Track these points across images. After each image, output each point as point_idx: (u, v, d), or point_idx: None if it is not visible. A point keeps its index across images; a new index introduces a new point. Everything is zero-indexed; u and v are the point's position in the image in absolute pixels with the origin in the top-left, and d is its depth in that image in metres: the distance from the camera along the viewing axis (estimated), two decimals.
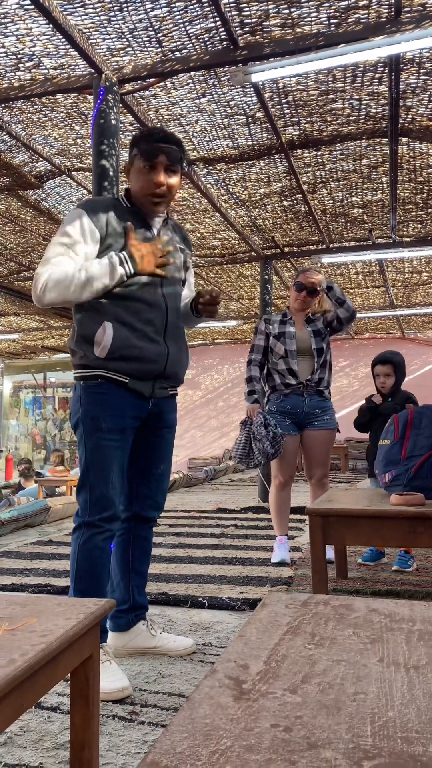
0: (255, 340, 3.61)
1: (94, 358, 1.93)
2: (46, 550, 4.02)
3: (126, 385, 1.94)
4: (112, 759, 1.47)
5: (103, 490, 1.92)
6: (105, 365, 1.92)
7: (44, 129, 4.17)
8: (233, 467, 10.59)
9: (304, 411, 3.47)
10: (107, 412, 1.93)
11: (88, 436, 1.93)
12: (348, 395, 12.34)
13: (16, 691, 0.96)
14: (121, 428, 1.95)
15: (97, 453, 1.92)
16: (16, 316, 9.64)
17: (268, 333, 3.55)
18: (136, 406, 1.98)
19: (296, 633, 1.02)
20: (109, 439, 1.93)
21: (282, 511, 3.55)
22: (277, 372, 3.50)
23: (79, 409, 1.96)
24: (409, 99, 3.84)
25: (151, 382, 1.99)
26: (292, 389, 3.47)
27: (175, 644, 2.13)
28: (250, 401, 3.53)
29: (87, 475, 1.94)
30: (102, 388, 1.94)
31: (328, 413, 3.52)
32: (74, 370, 2.01)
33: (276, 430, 3.36)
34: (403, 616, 1.11)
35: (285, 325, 3.53)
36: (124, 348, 1.91)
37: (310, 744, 0.66)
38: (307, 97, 3.82)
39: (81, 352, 1.96)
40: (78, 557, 1.92)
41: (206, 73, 3.54)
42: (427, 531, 2.38)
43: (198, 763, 0.62)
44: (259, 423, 3.39)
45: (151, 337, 1.96)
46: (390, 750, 0.65)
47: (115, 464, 1.94)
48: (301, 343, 3.49)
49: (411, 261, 7.20)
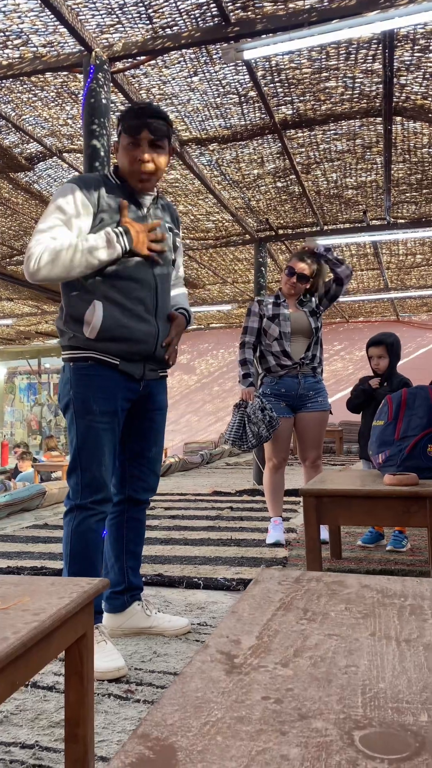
0: (248, 322, 3.58)
1: (83, 339, 1.90)
2: (42, 534, 4.03)
3: (116, 367, 1.93)
4: (108, 736, 1.48)
5: (95, 473, 1.92)
6: (95, 346, 1.90)
7: (34, 109, 4.11)
8: (228, 451, 10.62)
9: (298, 393, 3.47)
10: (98, 394, 1.91)
11: (79, 419, 1.92)
12: (343, 379, 12.36)
13: (9, 668, 0.96)
14: (112, 410, 1.93)
15: (88, 436, 1.91)
16: (9, 301, 9.58)
17: (261, 314, 3.53)
18: (127, 388, 1.97)
19: (289, 609, 1.02)
20: (100, 421, 1.92)
21: (276, 493, 3.56)
22: (272, 354, 3.49)
23: (69, 392, 1.94)
24: (403, 77, 3.80)
25: (141, 363, 1.98)
26: (287, 370, 3.47)
27: (170, 624, 2.14)
28: (245, 384, 3.52)
29: (78, 457, 1.93)
30: (92, 369, 1.92)
31: (321, 395, 3.52)
32: (63, 351, 1.98)
33: (272, 414, 3.36)
34: (395, 591, 1.12)
35: (279, 306, 3.51)
36: (115, 328, 1.89)
37: (301, 715, 0.66)
38: (300, 75, 3.77)
39: (70, 332, 1.93)
40: (71, 540, 1.92)
41: (197, 50, 3.49)
42: (420, 510, 2.39)
43: (188, 734, 0.62)
44: (257, 406, 3.38)
45: (141, 316, 1.94)
46: (381, 720, 0.65)
47: (106, 446, 1.94)
48: (296, 324, 3.48)
49: (405, 243, 7.17)
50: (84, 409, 1.91)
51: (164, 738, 0.62)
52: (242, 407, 3.48)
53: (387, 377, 3.44)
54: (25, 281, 8.01)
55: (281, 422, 3.43)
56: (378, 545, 3.40)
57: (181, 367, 13.75)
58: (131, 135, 1.90)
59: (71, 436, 1.95)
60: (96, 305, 1.88)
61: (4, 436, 16.11)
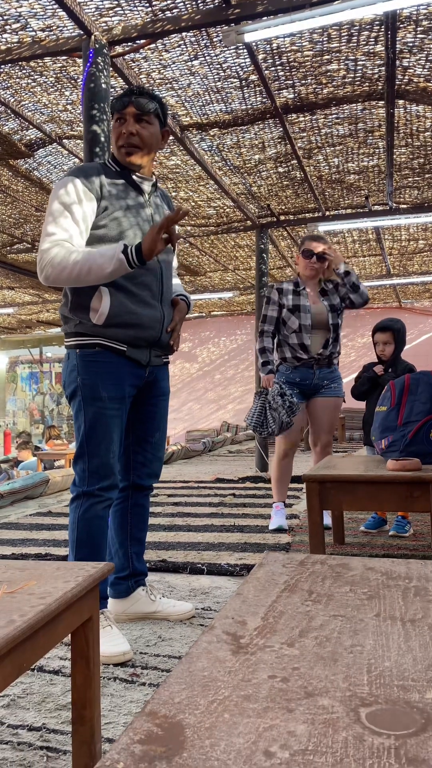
0: (267, 311, 3.53)
1: (91, 326, 1.90)
2: (46, 521, 4.05)
3: (123, 353, 1.93)
4: (114, 718, 1.49)
5: (104, 459, 1.92)
6: (103, 333, 1.90)
7: (33, 95, 4.08)
8: (231, 439, 10.64)
9: (313, 383, 3.48)
10: (106, 380, 1.91)
11: (88, 406, 1.92)
12: (345, 365, 12.34)
13: (17, 650, 0.97)
14: (120, 396, 1.94)
15: (97, 422, 1.91)
16: (10, 290, 9.56)
17: (281, 304, 3.49)
18: (134, 374, 1.97)
19: (293, 591, 1.03)
20: (109, 407, 1.92)
21: (283, 478, 3.58)
22: (289, 345, 3.47)
23: (77, 378, 1.93)
24: (406, 59, 3.76)
25: (147, 349, 1.99)
26: (303, 362, 3.46)
27: (174, 609, 2.16)
28: (265, 372, 3.51)
29: (86, 444, 1.93)
30: (100, 356, 1.92)
31: (336, 382, 3.53)
32: (68, 338, 1.98)
33: (292, 399, 3.37)
34: (400, 573, 1.12)
35: (299, 296, 3.46)
36: (123, 314, 1.89)
37: (307, 693, 0.66)
38: (301, 58, 3.73)
39: (76, 319, 1.93)
40: (78, 527, 1.92)
41: (198, 33, 3.45)
42: (423, 495, 2.40)
43: (196, 712, 0.63)
44: (276, 392, 3.39)
45: (147, 302, 1.94)
46: (386, 697, 0.65)
47: (114, 433, 1.94)
48: (316, 317, 3.44)
49: (408, 228, 7.13)
50: (92, 396, 1.91)
51: (172, 715, 0.62)
52: (263, 394, 3.48)
53: (391, 364, 3.43)
54: (25, 270, 7.99)
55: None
56: (381, 531, 3.41)
57: (182, 355, 13.74)
58: (117, 111, 1.94)
59: (78, 423, 1.95)
60: (103, 292, 1.87)
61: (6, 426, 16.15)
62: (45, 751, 1.35)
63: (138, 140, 1.93)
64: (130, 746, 0.56)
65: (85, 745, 1.22)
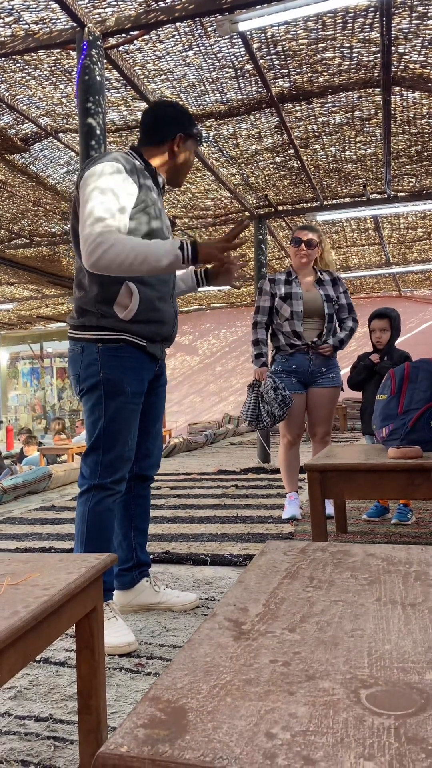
0: (260, 301, 3.54)
1: (116, 321, 1.90)
2: (50, 516, 4.07)
3: (144, 348, 1.96)
4: (120, 708, 1.51)
5: (119, 452, 1.94)
6: (128, 328, 1.91)
7: (28, 88, 4.06)
8: (233, 431, 10.64)
9: (309, 369, 3.47)
10: (130, 375, 1.93)
11: (109, 400, 1.91)
12: (345, 355, 12.29)
13: (21, 641, 0.98)
14: (141, 391, 1.98)
15: (118, 416, 1.92)
16: (9, 286, 9.55)
17: (273, 293, 3.50)
18: (150, 368, 2.02)
19: (295, 577, 1.03)
20: (132, 402, 1.94)
21: (291, 468, 3.59)
22: (282, 333, 3.48)
23: (98, 372, 1.91)
24: (402, 45, 3.73)
25: (161, 344, 2.04)
26: (297, 349, 3.46)
27: (178, 599, 2.17)
28: (258, 365, 3.51)
29: (102, 438, 1.92)
30: (124, 351, 1.92)
31: (333, 371, 3.52)
32: (85, 331, 1.93)
33: (285, 393, 3.37)
34: (400, 559, 1.13)
35: (291, 285, 3.47)
36: (149, 311, 1.92)
37: (309, 676, 0.67)
38: (296, 46, 3.71)
39: (99, 312, 1.91)
40: (88, 519, 1.92)
41: (192, 23, 3.43)
42: (424, 483, 2.41)
43: (198, 696, 0.63)
44: (269, 386, 3.39)
45: (166, 299, 1.99)
46: (386, 679, 0.66)
47: (133, 426, 1.97)
48: (309, 304, 3.44)
49: (406, 216, 7.10)
50: (116, 391, 1.91)
51: (175, 700, 0.63)
52: (256, 387, 3.48)
53: (387, 352, 3.44)
54: (24, 265, 7.97)
55: (294, 399, 3.43)
56: (383, 519, 3.42)
57: (183, 347, 13.73)
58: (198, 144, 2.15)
59: (95, 417, 1.94)
60: (132, 288, 1.87)
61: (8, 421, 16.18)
62: (52, 740, 1.37)
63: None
64: (133, 730, 0.57)
65: (92, 734, 1.23)
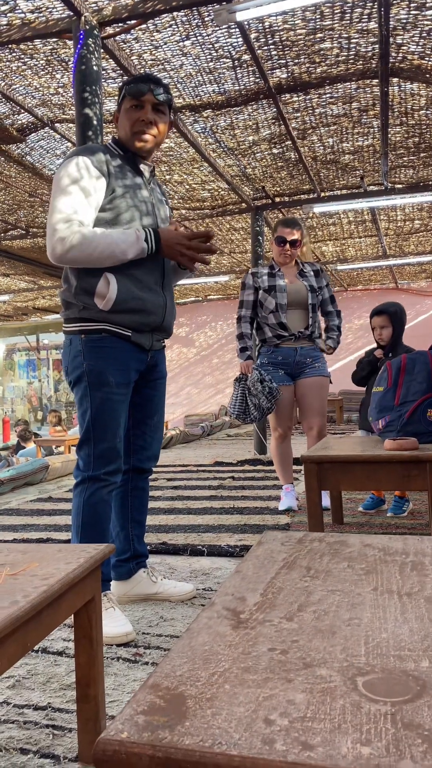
0: (243, 296, 3.57)
1: (96, 311, 1.90)
2: (47, 507, 4.08)
3: (129, 338, 1.95)
4: (118, 697, 1.52)
5: (110, 444, 1.94)
6: (109, 318, 1.91)
7: (24, 78, 4.03)
8: (229, 422, 10.66)
9: (295, 360, 3.48)
10: (113, 366, 1.93)
11: (94, 391, 1.92)
12: (342, 348, 12.31)
13: (21, 630, 0.98)
14: (126, 382, 1.97)
15: (103, 407, 1.92)
16: (5, 277, 9.51)
17: (256, 287, 3.52)
18: (138, 359, 2.00)
19: (292, 567, 1.04)
20: (116, 393, 1.94)
21: (285, 461, 3.60)
22: (268, 326, 3.49)
23: (82, 364, 1.93)
24: (400, 36, 3.71)
25: (150, 334, 2.01)
26: (283, 340, 3.47)
27: (175, 590, 2.19)
28: (243, 358, 3.54)
29: (92, 429, 1.93)
30: (106, 341, 1.92)
31: (319, 361, 3.53)
32: (70, 323, 1.97)
33: (272, 385, 3.38)
34: (397, 549, 1.14)
35: (274, 277, 3.48)
36: (129, 300, 1.90)
37: (306, 664, 0.68)
38: (294, 36, 3.69)
39: (80, 304, 1.92)
40: (83, 511, 1.93)
41: (189, 13, 3.41)
42: (420, 474, 2.42)
43: (197, 683, 0.64)
44: (255, 379, 3.40)
45: (151, 287, 1.96)
46: (383, 667, 0.67)
47: (121, 417, 1.97)
48: (293, 296, 3.46)
49: (403, 208, 7.09)
50: (99, 381, 1.92)
51: (174, 687, 0.64)
52: (242, 380, 3.50)
53: (391, 348, 3.43)
54: (20, 256, 7.94)
55: (282, 391, 3.44)
56: (379, 510, 3.44)
57: (179, 339, 13.72)
58: (135, 97, 1.93)
59: (83, 409, 1.95)
60: (109, 277, 1.87)
61: (5, 413, 16.17)
62: (51, 729, 1.38)
63: (155, 130, 1.95)
64: (133, 717, 0.58)
65: (90, 723, 1.24)
